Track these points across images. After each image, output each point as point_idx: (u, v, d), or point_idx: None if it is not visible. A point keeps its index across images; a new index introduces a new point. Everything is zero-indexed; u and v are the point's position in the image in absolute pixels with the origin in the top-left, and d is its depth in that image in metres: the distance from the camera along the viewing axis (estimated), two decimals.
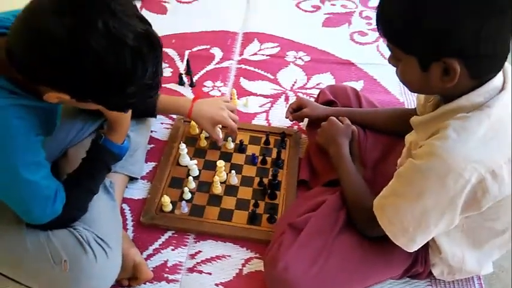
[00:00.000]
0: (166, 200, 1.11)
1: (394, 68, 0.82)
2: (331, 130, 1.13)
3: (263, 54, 1.68)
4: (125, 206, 1.16)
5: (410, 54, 0.75)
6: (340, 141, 1.10)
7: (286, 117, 1.28)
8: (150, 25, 0.74)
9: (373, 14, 1.86)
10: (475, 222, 0.86)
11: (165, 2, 1.93)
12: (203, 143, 1.29)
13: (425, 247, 0.92)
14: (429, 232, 0.83)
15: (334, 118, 1.16)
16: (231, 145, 1.27)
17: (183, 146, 1.22)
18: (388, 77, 1.57)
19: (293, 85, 1.55)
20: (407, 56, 0.76)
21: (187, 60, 1.57)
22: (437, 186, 0.76)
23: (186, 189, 1.15)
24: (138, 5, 1.90)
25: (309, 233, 0.95)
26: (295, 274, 0.90)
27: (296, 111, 1.27)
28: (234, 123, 1.22)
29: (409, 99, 1.50)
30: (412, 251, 0.87)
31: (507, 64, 0.78)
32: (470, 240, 0.90)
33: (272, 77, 1.58)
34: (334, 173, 1.10)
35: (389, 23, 0.76)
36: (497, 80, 0.76)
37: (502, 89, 0.76)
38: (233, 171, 1.19)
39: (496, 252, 0.94)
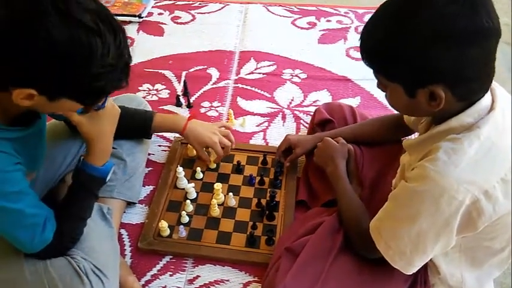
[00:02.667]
0: (164, 225, 1.11)
1: None
2: (327, 151, 1.14)
3: (260, 73, 1.69)
4: (123, 231, 1.16)
5: (394, 82, 0.76)
6: (337, 161, 1.10)
7: (279, 160, 1.27)
8: (108, 9, 0.74)
9: None
10: (472, 242, 0.85)
11: (162, 23, 1.95)
12: (212, 166, 1.29)
13: (425, 268, 0.91)
14: (427, 254, 0.82)
15: (329, 138, 1.16)
16: (213, 165, 1.28)
17: (180, 169, 1.22)
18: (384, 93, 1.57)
19: (290, 103, 1.56)
20: (393, 84, 0.76)
21: (185, 81, 1.58)
22: (431, 208, 0.75)
23: (183, 212, 1.15)
24: (136, 27, 1.92)
25: (305, 257, 0.94)
26: None
27: (287, 150, 1.26)
28: (223, 149, 1.22)
29: None
30: (410, 274, 0.86)
31: (495, 83, 0.78)
32: (468, 260, 0.89)
33: (269, 96, 1.59)
34: (332, 192, 1.10)
35: (371, 53, 0.77)
36: (485, 100, 0.76)
37: (491, 108, 0.76)
38: (231, 193, 1.19)
39: (495, 270, 0.93)
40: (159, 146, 1.39)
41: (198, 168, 1.26)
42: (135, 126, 1.19)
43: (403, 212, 0.81)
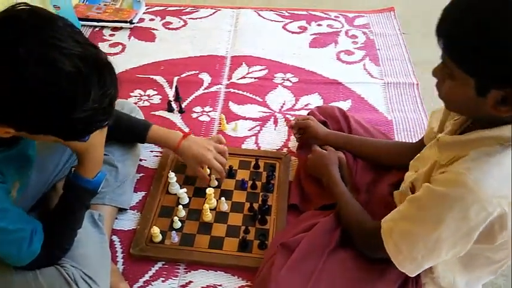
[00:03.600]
0: (156, 230, 1.10)
1: (381, 87, 0.80)
2: (318, 161, 1.14)
3: (251, 77, 1.69)
4: (114, 237, 1.15)
5: (470, 75, 0.70)
6: (330, 169, 1.11)
7: (290, 126, 1.29)
8: (94, 47, 0.72)
9: (359, 33, 1.92)
10: (474, 250, 0.83)
11: (153, 29, 1.95)
12: (213, 184, 1.25)
13: None
14: (438, 260, 0.81)
15: (318, 148, 1.17)
16: (214, 183, 1.25)
17: (172, 174, 1.22)
18: (375, 96, 1.59)
19: (282, 107, 1.56)
20: (465, 76, 0.70)
21: (176, 87, 1.58)
22: (458, 215, 0.73)
23: (176, 218, 1.15)
24: (127, 33, 1.92)
25: (300, 254, 0.94)
26: None
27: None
28: (221, 165, 1.18)
29: (397, 117, 1.51)
30: (412, 275, 0.86)
31: None
32: (463, 265, 0.89)
33: (261, 100, 1.59)
34: (326, 198, 1.10)
35: (455, 40, 0.70)
36: None
37: None
38: (223, 198, 1.19)
39: (486, 276, 0.93)
40: (151, 151, 1.38)
41: (213, 176, 1.24)
42: (129, 134, 1.18)
43: (425, 216, 0.78)
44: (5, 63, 0.65)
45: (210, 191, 1.18)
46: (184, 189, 1.21)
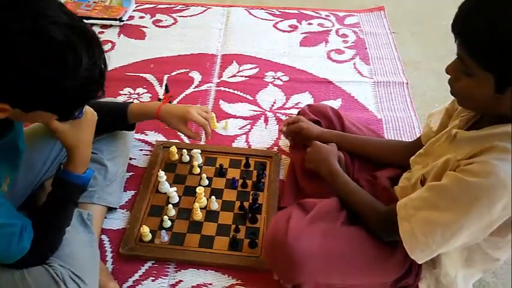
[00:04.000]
0: (145, 230, 1.10)
1: (371, 86, 0.80)
2: (318, 153, 1.13)
3: (242, 76, 1.69)
4: (104, 237, 1.14)
5: (488, 71, 0.69)
6: (331, 159, 1.09)
7: (280, 130, 1.28)
8: (82, 21, 0.74)
9: (349, 32, 1.93)
10: (476, 245, 0.84)
11: (143, 27, 1.94)
12: (196, 170, 1.27)
13: None
14: (450, 249, 0.81)
15: (318, 142, 1.16)
16: (205, 182, 1.24)
17: (161, 173, 1.21)
18: (365, 95, 1.59)
19: (272, 105, 1.56)
20: (484, 73, 0.70)
21: (166, 85, 1.57)
22: (485, 207, 0.72)
23: (165, 217, 1.14)
24: (116, 31, 1.91)
25: (317, 214, 0.93)
26: (305, 246, 0.87)
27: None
28: (206, 120, 1.16)
29: (386, 116, 1.52)
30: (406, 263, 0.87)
31: None
32: (464, 259, 0.90)
33: (251, 98, 1.59)
34: (327, 194, 1.08)
35: (474, 35, 0.69)
36: None
37: None
38: (213, 197, 1.19)
39: (479, 274, 0.94)
40: (141, 150, 1.37)
41: (204, 175, 1.24)
42: (112, 117, 1.15)
43: (450, 205, 0.76)
44: None
45: (200, 189, 1.18)
46: (174, 188, 1.21)
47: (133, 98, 1.57)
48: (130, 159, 1.32)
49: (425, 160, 0.93)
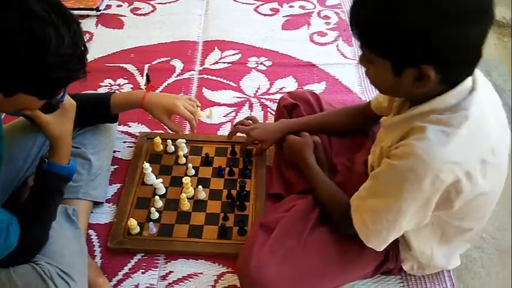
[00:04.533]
0: (133, 222, 1.09)
1: (354, 67, 0.82)
2: (293, 148, 1.15)
3: (224, 62, 1.67)
4: (91, 232, 1.13)
5: (383, 57, 0.73)
6: (304, 154, 1.11)
7: (247, 150, 1.27)
8: (61, 4, 0.74)
9: (331, 13, 1.91)
10: (443, 220, 0.87)
11: (121, 16, 1.89)
12: (181, 160, 1.26)
13: (396, 243, 0.93)
14: (400, 231, 0.84)
15: (291, 136, 1.17)
16: (191, 171, 1.23)
17: (147, 165, 1.20)
18: (349, 77, 1.59)
19: (256, 91, 1.55)
20: (381, 59, 0.74)
21: (147, 75, 1.54)
22: (414, 186, 0.75)
23: (153, 209, 1.13)
24: (94, 21, 1.86)
25: (280, 232, 0.95)
26: (268, 273, 0.89)
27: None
28: (191, 114, 1.15)
29: (370, 98, 1.50)
30: (381, 250, 0.88)
31: None
32: (438, 237, 0.92)
33: (235, 85, 1.57)
34: (305, 182, 1.11)
35: (363, 25, 0.73)
36: (467, 81, 0.75)
37: (473, 89, 0.75)
38: (200, 186, 1.18)
39: (463, 246, 0.96)
40: (124, 142, 1.35)
41: (190, 165, 1.23)
42: (95, 106, 1.13)
43: (385, 190, 0.81)
44: None
45: (186, 179, 1.17)
46: (160, 180, 1.20)
47: (114, 89, 1.54)
48: (114, 152, 1.30)
49: (375, 149, 0.96)
